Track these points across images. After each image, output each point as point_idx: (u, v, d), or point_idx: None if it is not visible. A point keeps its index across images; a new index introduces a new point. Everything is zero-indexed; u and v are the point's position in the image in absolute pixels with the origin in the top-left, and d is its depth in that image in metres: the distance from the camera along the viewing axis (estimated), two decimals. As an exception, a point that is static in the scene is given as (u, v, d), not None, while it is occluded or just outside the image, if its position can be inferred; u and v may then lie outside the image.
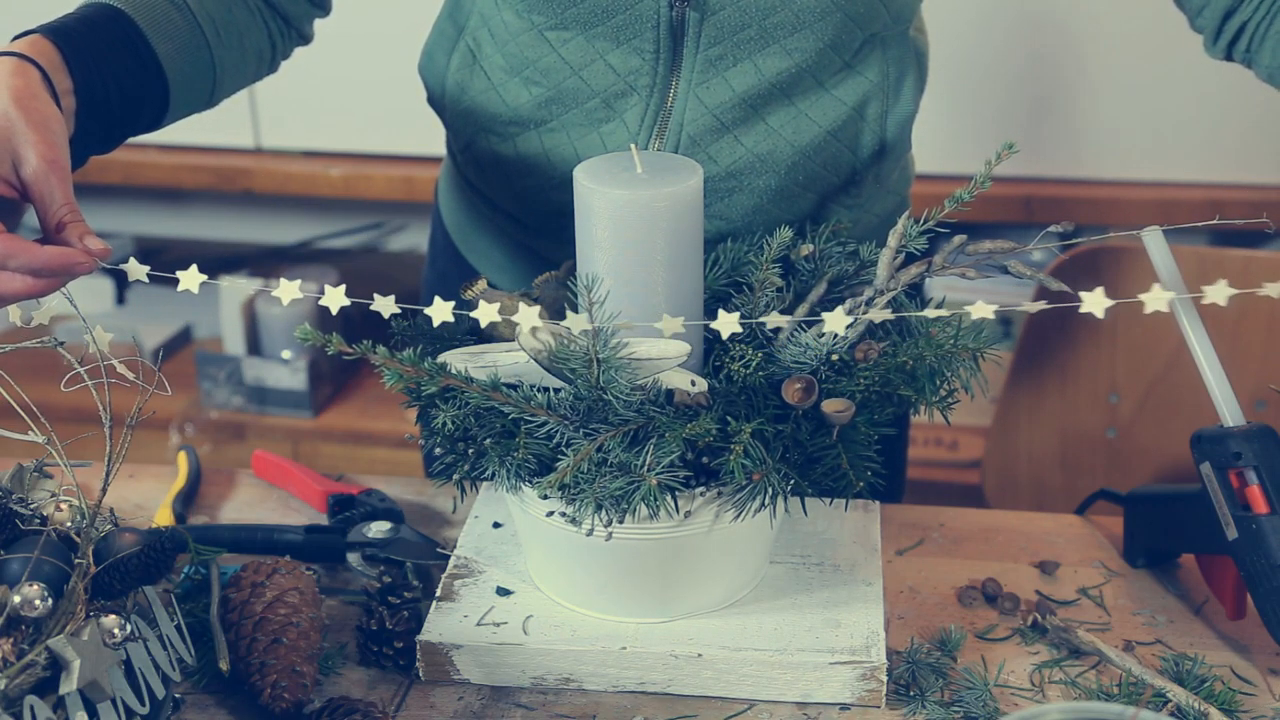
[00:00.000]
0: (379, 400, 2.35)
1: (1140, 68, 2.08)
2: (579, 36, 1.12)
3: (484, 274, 1.29)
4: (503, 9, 1.15)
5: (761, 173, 1.16)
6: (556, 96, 1.15)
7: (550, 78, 1.14)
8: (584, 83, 1.13)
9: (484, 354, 1.00)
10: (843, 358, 0.99)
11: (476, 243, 1.31)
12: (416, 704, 1.01)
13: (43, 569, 0.86)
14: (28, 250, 0.87)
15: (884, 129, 1.19)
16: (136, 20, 1.03)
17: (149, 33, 1.03)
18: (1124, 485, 1.19)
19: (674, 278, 0.98)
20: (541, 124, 1.16)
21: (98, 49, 1.00)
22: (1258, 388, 1.67)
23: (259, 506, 1.25)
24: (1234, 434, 1.02)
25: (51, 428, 0.91)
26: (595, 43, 1.12)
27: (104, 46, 1.00)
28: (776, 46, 1.11)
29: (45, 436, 0.91)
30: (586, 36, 1.12)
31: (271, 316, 2.33)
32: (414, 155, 2.30)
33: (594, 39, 1.12)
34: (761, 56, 1.11)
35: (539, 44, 1.13)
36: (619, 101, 1.14)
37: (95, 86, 0.99)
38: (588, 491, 0.93)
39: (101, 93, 1.00)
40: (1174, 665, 1.02)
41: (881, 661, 0.99)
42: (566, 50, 1.13)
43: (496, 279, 1.29)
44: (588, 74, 1.13)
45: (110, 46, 1.01)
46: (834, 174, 1.18)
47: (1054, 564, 1.15)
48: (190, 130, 2.36)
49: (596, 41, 1.12)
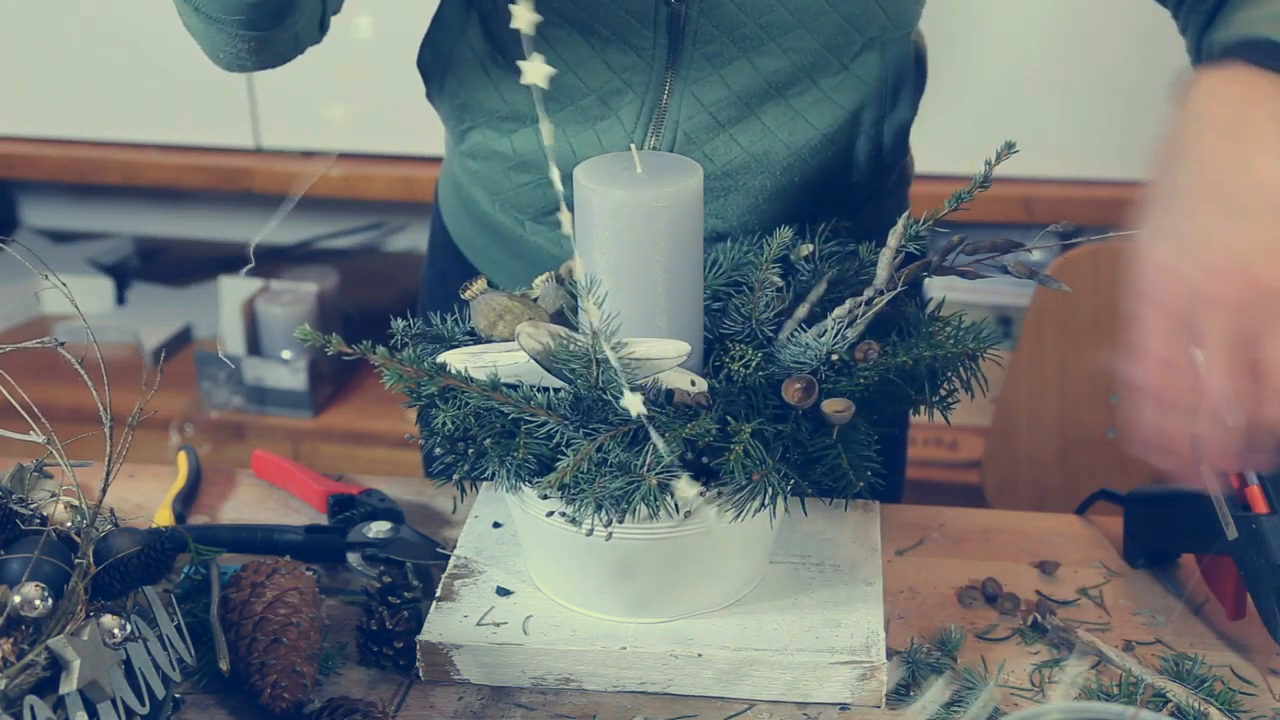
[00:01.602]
0: (379, 400, 2.35)
1: (1140, 67, 2.08)
2: (575, 33, 1.12)
3: (483, 272, 1.29)
4: (500, 2, 1.15)
5: (757, 173, 1.16)
6: (552, 93, 1.14)
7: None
8: (580, 80, 1.13)
9: (484, 354, 1.00)
10: (843, 357, 0.99)
11: (475, 241, 1.31)
12: (416, 704, 1.01)
13: (43, 569, 0.86)
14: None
15: (880, 135, 1.18)
16: None
17: None
18: (1124, 485, 1.19)
19: (674, 278, 0.98)
20: (538, 120, 1.16)
21: None
22: (1258, 388, 1.67)
23: (259, 506, 1.25)
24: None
25: (51, 428, 0.91)
26: (592, 40, 1.12)
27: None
28: (773, 44, 1.11)
29: (45, 436, 0.91)
30: (584, 33, 1.12)
31: (271, 316, 2.33)
32: (414, 155, 2.30)
33: (591, 36, 1.12)
34: (758, 55, 1.11)
35: (536, 40, 1.13)
36: (614, 99, 1.14)
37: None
38: (588, 491, 0.93)
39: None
40: (1174, 665, 1.02)
41: (881, 661, 0.99)
42: (563, 47, 1.13)
43: (496, 277, 1.28)
44: (583, 71, 1.13)
45: None
46: (830, 176, 1.18)
47: (1054, 564, 1.15)
48: (190, 130, 2.38)
49: (593, 38, 1.12)
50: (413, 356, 0.96)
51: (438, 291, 1.38)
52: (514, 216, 1.25)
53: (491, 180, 1.24)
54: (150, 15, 2.30)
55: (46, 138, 2.43)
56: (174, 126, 2.37)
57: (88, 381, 0.92)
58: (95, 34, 2.33)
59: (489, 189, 1.25)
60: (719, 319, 1.05)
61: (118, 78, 2.35)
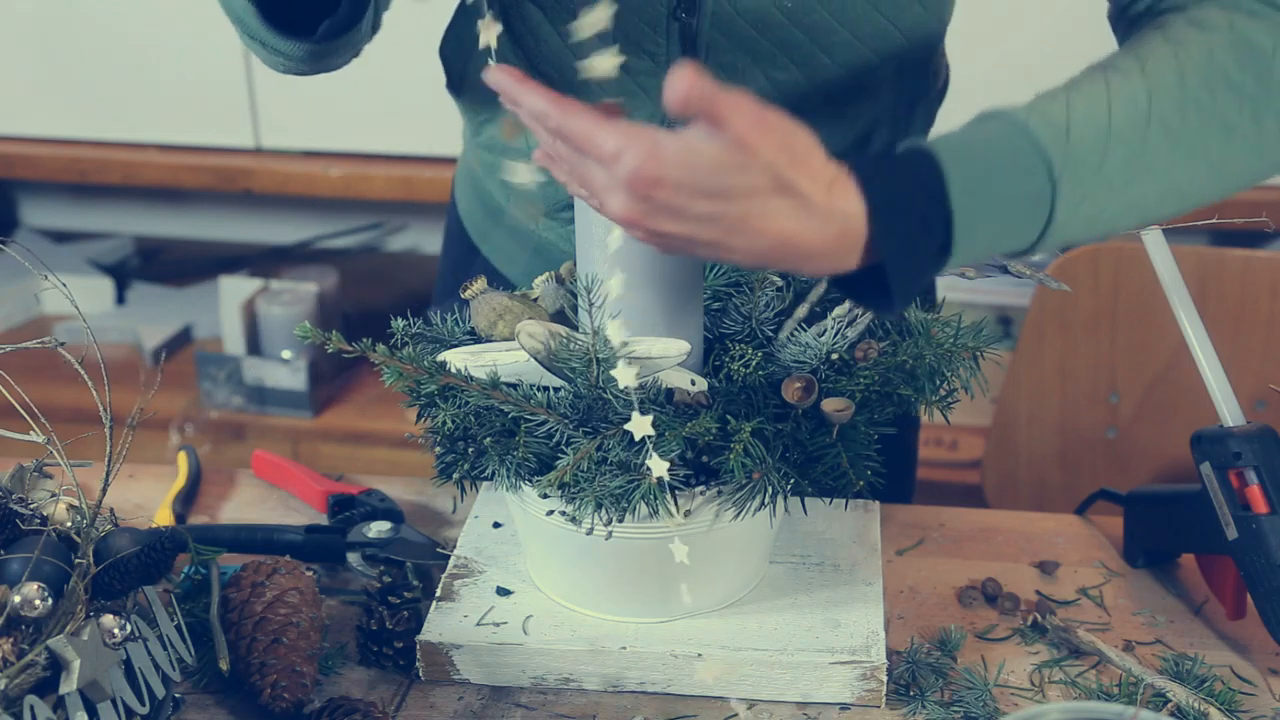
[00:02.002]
0: (379, 400, 2.35)
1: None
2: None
3: (495, 264, 1.29)
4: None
5: None
6: (568, 93, 1.14)
7: (563, 74, 1.14)
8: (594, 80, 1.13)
9: (484, 353, 1.00)
10: (843, 357, 0.99)
11: (489, 233, 1.31)
12: (416, 704, 1.01)
13: (43, 569, 0.86)
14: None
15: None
16: None
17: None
18: (1124, 485, 1.19)
19: (674, 277, 0.98)
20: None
21: None
22: (1258, 388, 1.67)
23: (259, 506, 1.25)
24: (1234, 434, 1.02)
25: (51, 428, 0.91)
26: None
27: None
28: (786, 59, 1.10)
29: (45, 436, 0.91)
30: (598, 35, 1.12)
31: (271, 316, 2.33)
32: (414, 155, 2.30)
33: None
34: (771, 68, 1.10)
35: (551, 37, 1.13)
36: (629, 102, 1.13)
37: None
38: (588, 490, 0.93)
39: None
40: (1174, 665, 1.02)
41: (881, 661, 0.99)
42: (577, 46, 1.13)
43: (507, 270, 1.29)
44: None
45: None
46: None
47: (1054, 564, 1.15)
48: (190, 130, 2.38)
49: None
50: (412, 355, 0.96)
51: (451, 283, 1.38)
52: (527, 211, 1.25)
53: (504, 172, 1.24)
54: (150, 15, 2.30)
55: (46, 138, 2.42)
56: (174, 126, 2.37)
57: (88, 381, 0.92)
58: (95, 34, 2.33)
59: (504, 182, 1.26)
60: (719, 319, 1.05)
61: (118, 78, 2.35)
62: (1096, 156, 0.83)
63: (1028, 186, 0.81)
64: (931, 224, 0.80)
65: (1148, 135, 0.85)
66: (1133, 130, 0.84)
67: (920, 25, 1.12)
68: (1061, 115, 0.82)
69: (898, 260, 0.79)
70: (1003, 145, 0.81)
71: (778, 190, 0.77)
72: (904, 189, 0.79)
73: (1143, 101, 0.85)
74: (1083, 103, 0.83)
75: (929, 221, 0.79)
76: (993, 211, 0.81)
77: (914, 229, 0.79)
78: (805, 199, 0.77)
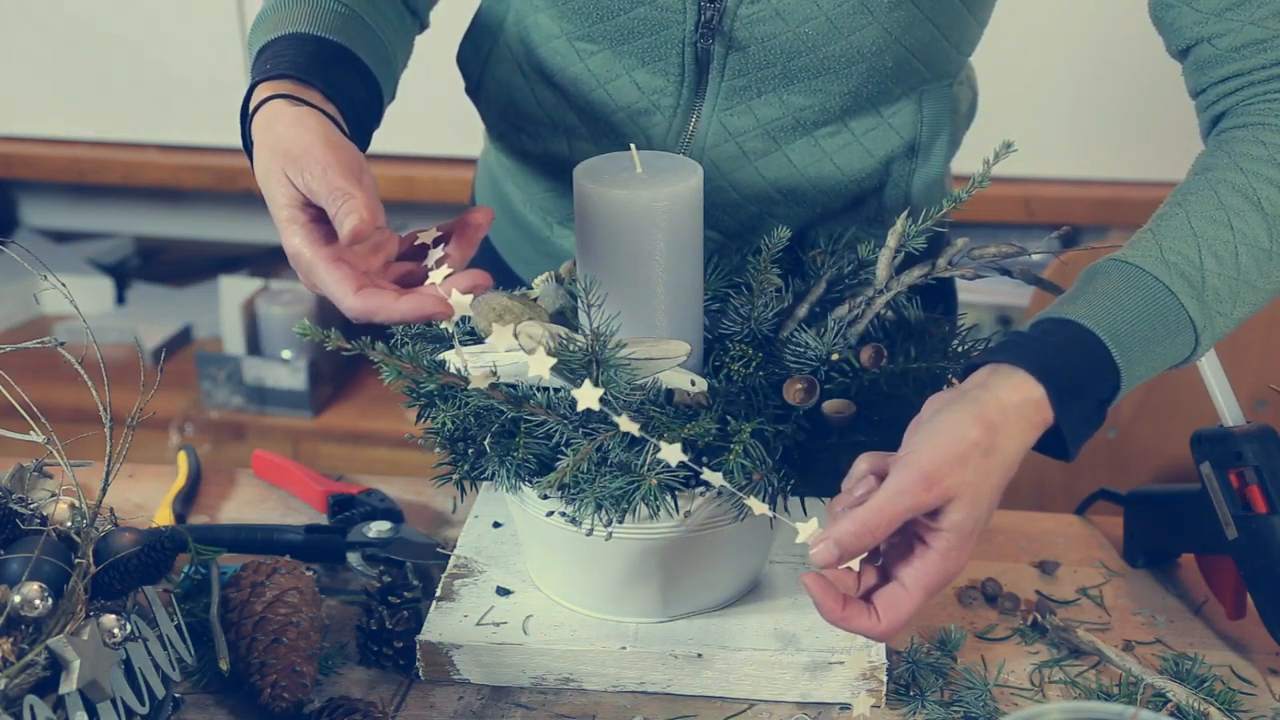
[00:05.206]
0: (379, 400, 2.35)
1: (1140, 67, 2.08)
2: (606, 51, 1.11)
3: (510, 266, 1.29)
4: (538, 11, 1.15)
5: (785, 206, 1.15)
6: (584, 105, 1.14)
7: (577, 86, 1.14)
8: (609, 96, 1.13)
9: (483, 353, 1.00)
10: (843, 357, 0.99)
11: (506, 235, 1.31)
12: (416, 704, 1.01)
13: (43, 569, 0.86)
14: (386, 308, 0.88)
15: (909, 187, 1.15)
16: (343, 42, 1.01)
17: (357, 51, 1.02)
18: (1124, 485, 1.19)
19: (673, 278, 0.98)
20: (569, 130, 1.17)
21: (335, 78, 0.99)
22: (1258, 388, 1.67)
23: (259, 506, 1.25)
24: (1234, 434, 1.02)
25: (51, 428, 0.91)
26: (622, 59, 1.11)
27: (339, 74, 1.00)
28: (802, 85, 1.09)
29: (45, 436, 0.91)
30: (614, 52, 1.11)
31: (271, 316, 2.33)
32: (414, 155, 2.30)
33: (621, 55, 1.11)
34: (787, 92, 1.09)
35: (568, 52, 1.13)
36: (643, 118, 1.13)
37: (351, 109, 1.00)
38: (588, 491, 0.93)
39: (354, 112, 1.00)
40: (1174, 665, 1.02)
41: (881, 661, 0.99)
42: (593, 62, 1.12)
43: (521, 272, 1.29)
44: (613, 88, 1.12)
45: (343, 72, 1.00)
46: (854, 217, 1.17)
47: (1054, 564, 1.15)
48: (190, 130, 2.38)
49: (623, 58, 1.11)
50: (412, 353, 0.96)
51: None
52: (542, 217, 1.25)
53: (522, 179, 1.24)
54: (150, 15, 2.30)
55: (46, 138, 2.43)
56: (174, 126, 2.37)
57: (88, 381, 0.92)
58: (95, 34, 2.33)
59: (520, 186, 1.26)
60: (719, 319, 1.05)
61: (118, 78, 2.35)
62: (1229, 305, 0.95)
63: (1177, 346, 0.94)
64: (1104, 397, 0.92)
65: (1270, 270, 0.96)
66: (1258, 272, 0.96)
67: (942, 57, 1.11)
68: (1197, 275, 0.94)
69: (1077, 431, 0.91)
70: (1159, 320, 0.93)
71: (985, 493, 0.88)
72: (1081, 379, 0.91)
73: (1264, 241, 0.96)
74: (1214, 263, 0.94)
75: (1103, 399, 0.92)
76: (1149, 371, 0.94)
77: (1090, 410, 0.91)
78: (1002, 459, 0.88)
